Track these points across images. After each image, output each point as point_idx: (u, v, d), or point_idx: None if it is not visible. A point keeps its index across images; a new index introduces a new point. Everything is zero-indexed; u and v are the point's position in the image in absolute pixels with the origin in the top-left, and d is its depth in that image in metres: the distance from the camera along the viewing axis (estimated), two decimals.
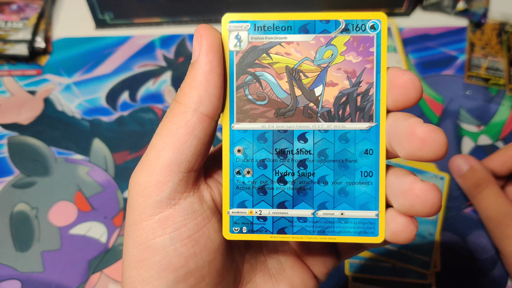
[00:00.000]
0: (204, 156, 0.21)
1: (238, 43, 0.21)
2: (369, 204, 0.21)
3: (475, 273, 0.39)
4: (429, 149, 0.19)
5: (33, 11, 0.52)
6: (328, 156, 0.21)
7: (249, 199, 0.21)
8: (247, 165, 0.21)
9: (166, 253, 0.20)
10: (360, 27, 0.20)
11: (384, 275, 0.39)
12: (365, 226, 0.21)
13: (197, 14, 0.52)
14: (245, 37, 0.20)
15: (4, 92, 0.48)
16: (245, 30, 0.21)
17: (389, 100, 0.20)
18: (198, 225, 0.21)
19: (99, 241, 0.41)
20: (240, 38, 0.21)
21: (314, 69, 0.21)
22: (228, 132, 0.21)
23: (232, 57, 0.21)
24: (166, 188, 0.20)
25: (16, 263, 0.39)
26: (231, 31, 0.21)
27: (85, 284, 0.39)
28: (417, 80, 0.20)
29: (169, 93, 0.48)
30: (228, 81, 0.21)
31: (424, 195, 0.19)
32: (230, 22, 0.21)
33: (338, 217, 0.21)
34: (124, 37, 0.52)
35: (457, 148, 0.45)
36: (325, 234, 0.21)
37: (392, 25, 0.52)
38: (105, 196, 0.43)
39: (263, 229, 0.21)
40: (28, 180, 0.43)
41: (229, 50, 0.20)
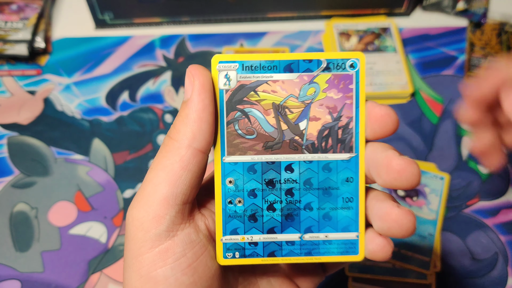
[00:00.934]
0: (198, 188, 0.22)
1: (227, 82, 0.22)
2: (350, 226, 0.23)
3: (475, 273, 0.39)
4: (404, 180, 0.21)
5: (33, 11, 0.52)
6: (313, 185, 0.23)
7: (240, 227, 0.23)
8: (238, 195, 0.23)
9: (168, 283, 0.21)
10: (340, 65, 0.22)
11: (384, 275, 0.39)
12: (347, 246, 0.23)
13: (197, 14, 0.52)
14: (234, 76, 0.22)
15: (4, 92, 0.48)
16: (234, 70, 0.22)
17: (369, 131, 0.22)
18: (196, 254, 0.22)
19: (99, 241, 0.41)
20: (229, 77, 0.22)
21: (299, 105, 0.22)
22: (220, 165, 0.23)
23: (222, 95, 0.22)
24: (164, 221, 0.21)
25: (16, 263, 0.39)
26: (221, 71, 0.22)
27: (85, 284, 0.39)
28: (393, 113, 0.22)
29: (169, 93, 0.48)
30: (219, 117, 0.22)
31: (400, 220, 0.21)
32: (219, 63, 0.22)
33: (323, 239, 0.23)
34: (124, 37, 0.52)
35: (457, 148, 0.45)
36: (311, 255, 0.23)
37: (392, 25, 0.52)
38: (105, 196, 0.43)
39: (254, 253, 0.23)
40: (28, 180, 0.43)
41: (219, 89, 0.22)
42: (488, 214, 0.42)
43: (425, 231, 0.40)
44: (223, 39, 0.52)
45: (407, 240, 0.39)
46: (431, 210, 0.41)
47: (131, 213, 0.22)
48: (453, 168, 0.44)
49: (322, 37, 0.52)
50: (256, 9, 0.52)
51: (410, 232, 0.21)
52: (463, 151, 0.45)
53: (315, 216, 0.23)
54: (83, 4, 0.50)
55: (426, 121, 0.47)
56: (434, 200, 0.41)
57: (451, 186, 0.43)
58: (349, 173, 0.23)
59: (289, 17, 0.53)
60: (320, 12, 0.53)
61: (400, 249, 0.39)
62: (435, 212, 0.41)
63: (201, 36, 0.52)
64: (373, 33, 0.51)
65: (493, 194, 0.43)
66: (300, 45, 0.51)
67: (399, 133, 0.46)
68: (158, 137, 0.46)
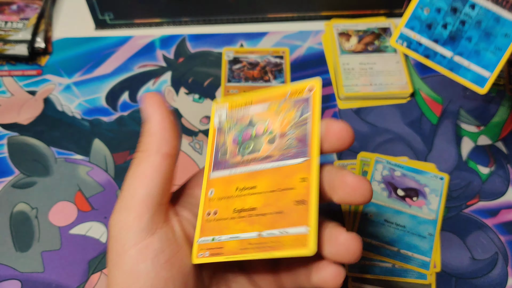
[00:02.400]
0: (170, 189, 0.26)
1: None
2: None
3: (475, 273, 0.39)
4: (358, 195, 0.23)
5: (33, 11, 0.52)
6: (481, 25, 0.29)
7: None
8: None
9: (149, 277, 0.23)
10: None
11: (384, 275, 0.39)
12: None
13: (197, 14, 0.52)
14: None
15: (4, 92, 0.48)
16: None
17: (327, 145, 0.25)
18: (173, 251, 0.24)
19: (99, 241, 0.41)
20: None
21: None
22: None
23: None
24: (144, 219, 0.24)
25: (16, 263, 0.39)
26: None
27: (85, 284, 0.39)
28: (349, 128, 0.24)
29: (169, 93, 0.48)
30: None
31: (347, 244, 0.23)
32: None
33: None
34: (124, 37, 0.52)
35: (457, 149, 0.45)
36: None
37: (392, 25, 0.52)
38: (105, 196, 0.43)
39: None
40: (28, 180, 0.43)
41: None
42: (488, 214, 0.42)
43: (425, 231, 0.40)
44: (223, 39, 0.52)
45: (407, 241, 0.40)
46: (431, 210, 0.41)
47: (114, 218, 0.25)
48: (453, 168, 0.44)
49: (322, 38, 0.52)
50: (256, 10, 0.52)
51: (357, 257, 0.23)
52: (463, 151, 0.45)
53: (471, 47, 0.29)
54: (83, 4, 0.50)
55: (426, 121, 0.47)
56: (434, 200, 0.41)
57: (451, 186, 0.43)
58: (509, 29, 0.28)
59: (289, 17, 0.53)
60: (320, 13, 0.53)
61: (400, 249, 0.39)
62: (435, 212, 0.41)
63: (201, 36, 0.52)
64: (373, 33, 0.51)
65: (493, 194, 0.43)
66: (300, 45, 0.51)
67: (399, 133, 0.46)
68: None
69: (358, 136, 0.46)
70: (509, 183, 0.44)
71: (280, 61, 0.50)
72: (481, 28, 0.29)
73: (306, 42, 0.52)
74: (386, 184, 0.42)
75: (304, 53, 0.51)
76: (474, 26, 0.29)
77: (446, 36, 0.29)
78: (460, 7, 0.28)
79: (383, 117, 0.47)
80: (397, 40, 0.30)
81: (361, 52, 0.50)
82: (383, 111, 0.47)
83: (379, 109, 0.47)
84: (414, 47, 0.30)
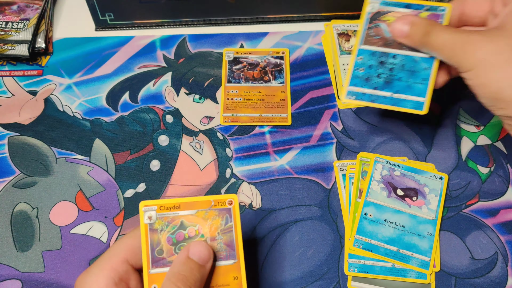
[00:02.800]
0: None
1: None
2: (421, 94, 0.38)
3: (475, 273, 0.39)
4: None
5: (33, 11, 0.52)
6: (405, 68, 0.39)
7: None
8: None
9: None
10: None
11: (384, 275, 0.39)
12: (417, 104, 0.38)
13: (197, 15, 0.52)
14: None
15: (5, 92, 0.48)
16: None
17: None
18: None
19: (100, 240, 0.41)
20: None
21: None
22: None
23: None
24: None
25: (17, 263, 0.40)
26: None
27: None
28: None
29: (170, 93, 0.48)
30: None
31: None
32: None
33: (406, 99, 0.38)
34: (125, 37, 0.52)
35: (456, 149, 0.45)
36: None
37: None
38: (106, 196, 0.43)
39: None
40: (29, 180, 0.43)
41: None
42: (488, 214, 0.42)
43: (425, 230, 0.40)
44: (224, 39, 0.52)
45: (407, 240, 0.40)
46: (430, 210, 0.41)
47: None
48: (453, 168, 0.44)
49: (321, 38, 0.52)
50: (256, 10, 0.52)
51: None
52: (462, 151, 0.45)
53: (403, 85, 0.37)
54: (83, 5, 0.50)
55: (426, 121, 0.47)
56: (434, 200, 0.41)
57: (451, 186, 0.43)
58: (426, 64, 0.37)
59: (289, 18, 0.53)
60: (319, 13, 0.53)
61: (399, 249, 0.40)
62: (434, 212, 0.41)
63: (201, 37, 0.52)
64: None
65: (493, 194, 0.43)
66: (300, 45, 0.52)
67: (398, 133, 0.46)
68: (159, 138, 0.46)
69: (358, 136, 0.46)
70: (509, 183, 0.44)
71: (280, 62, 0.50)
72: (406, 69, 0.37)
73: (306, 42, 0.52)
74: (385, 184, 0.42)
75: (304, 53, 0.51)
76: (401, 69, 0.37)
77: (382, 83, 0.37)
78: (385, 59, 0.38)
79: (383, 117, 0.47)
80: (345, 97, 0.38)
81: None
82: (382, 111, 0.47)
83: (378, 109, 0.47)
84: (360, 98, 0.38)
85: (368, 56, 0.38)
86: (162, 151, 0.45)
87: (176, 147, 0.45)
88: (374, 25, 0.38)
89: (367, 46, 0.38)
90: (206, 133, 0.46)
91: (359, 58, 0.38)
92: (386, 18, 0.38)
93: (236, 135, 0.46)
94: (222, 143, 0.46)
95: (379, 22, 0.38)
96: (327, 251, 0.40)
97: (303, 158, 0.45)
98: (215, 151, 0.45)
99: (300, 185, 0.43)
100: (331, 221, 0.42)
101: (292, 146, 0.45)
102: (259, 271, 0.39)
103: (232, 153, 0.45)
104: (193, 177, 0.44)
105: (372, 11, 0.38)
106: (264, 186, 0.43)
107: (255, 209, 0.42)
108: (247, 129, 0.46)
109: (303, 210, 0.42)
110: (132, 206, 0.42)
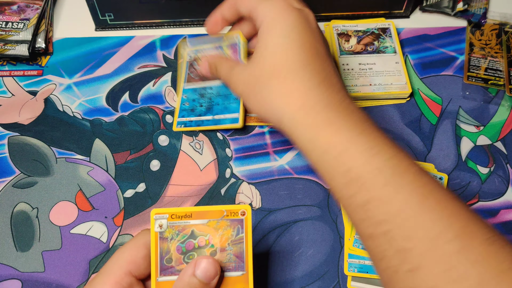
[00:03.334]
0: None
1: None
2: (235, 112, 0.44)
3: None
4: None
5: (33, 11, 0.52)
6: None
7: None
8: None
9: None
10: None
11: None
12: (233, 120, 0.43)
13: (197, 15, 0.52)
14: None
15: (5, 92, 0.48)
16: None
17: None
18: None
19: (99, 240, 0.41)
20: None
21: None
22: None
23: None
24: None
25: (17, 263, 0.40)
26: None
27: (86, 283, 0.39)
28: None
29: (169, 93, 0.48)
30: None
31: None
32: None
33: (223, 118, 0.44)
34: (125, 37, 0.52)
35: (456, 149, 0.45)
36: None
37: (392, 26, 0.52)
38: (106, 196, 0.43)
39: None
40: (29, 180, 0.43)
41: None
42: (488, 214, 0.42)
43: None
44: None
45: None
46: None
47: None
48: (453, 168, 0.44)
49: None
50: None
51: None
52: (462, 151, 0.45)
53: (221, 108, 0.45)
54: (83, 5, 0.50)
55: (425, 121, 0.47)
56: None
57: (451, 187, 0.43)
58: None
59: None
60: (319, 13, 0.53)
61: None
62: None
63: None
64: (373, 33, 0.51)
65: (493, 194, 0.43)
66: None
67: (398, 134, 0.46)
68: (159, 138, 0.46)
69: None
70: (509, 183, 0.44)
71: None
72: (221, 94, 0.45)
73: None
74: None
75: None
76: (217, 96, 0.45)
77: (205, 110, 0.45)
78: (204, 92, 0.46)
79: (383, 117, 0.47)
80: (177, 126, 0.45)
81: (360, 53, 0.50)
82: (382, 111, 0.47)
83: (378, 109, 0.47)
84: (189, 125, 0.45)
85: (191, 93, 0.46)
86: (162, 151, 0.45)
87: (176, 147, 0.45)
88: (193, 69, 0.46)
89: (189, 85, 0.46)
90: (206, 133, 0.46)
91: (184, 95, 0.46)
92: (200, 60, 0.44)
93: (236, 135, 0.46)
94: (222, 143, 0.46)
95: (196, 65, 0.46)
96: (326, 251, 0.40)
97: (303, 158, 0.45)
98: (215, 151, 0.45)
99: (300, 185, 0.43)
100: (331, 221, 0.42)
101: (292, 146, 0.45)
102: (259, 271, 0.39)
103: (232, 153, 0.45)
104: (193, 177, 0.44)
105: (190, 60, 0.46)
106: (264, 186, 0.43)
107: (255, 209, 0.42)
108: (247, 129, 0.46)
109: (303, 210, 0.42)
110: (132, 206, 0.42)
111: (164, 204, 0.42)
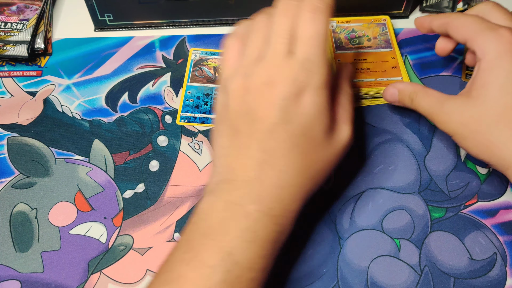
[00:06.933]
0: None
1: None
2: None
3: (473, 274, 0.39)
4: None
5: (32, 12, 0.52)
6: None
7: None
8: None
9: None
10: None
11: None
12: None
13: (196, 15, 0.52)
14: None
15: (4, 93, 0.48)
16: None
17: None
18: None
19: (99, 241, 0.41)
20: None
21: None
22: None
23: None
24: None
25: (16, 264, 0.40)
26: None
27: (85, 284, 0.39)
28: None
29: (169, 94, 0.48)
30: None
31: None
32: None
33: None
34: (124, 38, 0.52)
35: (455, 149, 0.45)
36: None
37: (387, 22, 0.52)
38: (105, 197, 0.43)
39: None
40: (28, 181, 0.43)
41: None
42: (487, 214, 0.42)
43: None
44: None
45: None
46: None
47: None
48: (452, 168, 0.44)
49: None
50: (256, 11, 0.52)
51: None
52: (461, 152, 0.45)
53: None
54: (82, 5, 0.50)
55: (425, 121, 0.47)
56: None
57: (450, 187, 0.43)
58: None
59: None
60: None
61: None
62: None
63: (200, 37, 0.52)
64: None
65: (492, 195, 0.43)
66: None
67: (397, 134, 0.46)
68: (158, 138, 0.46)
69: (357, 136, 0.46)
70: (508, 184, 0.44)
71: None
72: None
73: None
74: None
75: None
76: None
77: (209, 108, 0.47)
78: (210, 91, 0.48)
79: (382, 118, 0.47)
80: (180, 120, 0.46)
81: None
82: (381, 112, 0.47)
83: (377, 109, 0.47)
84: (193, 121, 0.46)
85: (195, 90, 0.48)
86: (161, 152, 0.45)
87: (175, 148, 0.45)
88: (198, 68, 0.49)
89: (193, 83, 0.49)
90: (205, 133, 0.46)
91: (188, 92, 0.48)
92: (207, 63, 0.50)
93: None
94: None
95: (201, 66, 0.49)
96: (325, 251, 0.40)
97: None
98: None
99: None
100: (330, 221, 0.42)
101: None
102: None
103: None
104: (193, 178, 0.44)
105: (195, 59, 0.50)
106: None
107: None
108: None
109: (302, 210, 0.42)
110: (131, 206, 0.42)
111: (164, 205, 0.42)
